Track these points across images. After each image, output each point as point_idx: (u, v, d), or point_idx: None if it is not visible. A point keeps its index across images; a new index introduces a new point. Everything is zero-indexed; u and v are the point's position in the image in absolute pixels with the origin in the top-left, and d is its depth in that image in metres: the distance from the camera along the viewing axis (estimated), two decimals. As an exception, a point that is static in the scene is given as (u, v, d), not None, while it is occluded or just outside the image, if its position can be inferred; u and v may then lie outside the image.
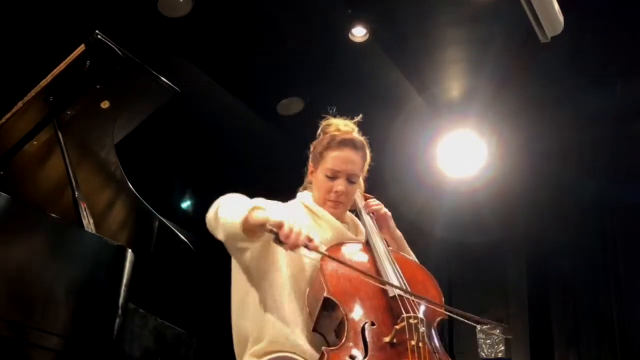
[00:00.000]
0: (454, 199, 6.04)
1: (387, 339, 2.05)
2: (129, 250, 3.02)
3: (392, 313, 2.13)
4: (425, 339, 2.05)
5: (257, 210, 2.06)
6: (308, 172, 2.48)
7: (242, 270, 2.30)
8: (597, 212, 5.79)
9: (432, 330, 2.16)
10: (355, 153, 2.39)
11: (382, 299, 2.16)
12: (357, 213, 2.54)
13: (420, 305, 2.17)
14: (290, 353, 2.15)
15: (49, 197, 3.46)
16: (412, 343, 2.02)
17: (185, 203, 6.41)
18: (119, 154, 3.58)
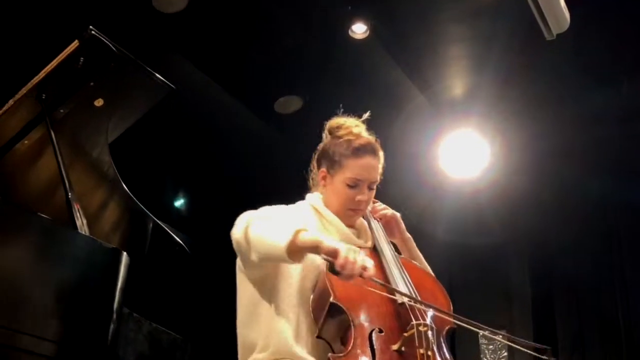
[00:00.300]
0: (456, 200, 5.98)
1: (395, 347, 2.01)
2: (124, 253, 2.95)
3: (400, 320, 2.08)
4: (434, 348, 2.01)
5: (303, 233, 2.01)
6: (319, 175, 2.41)
7: (251, 282, 2.26)
8: (601, 211, 5.72)
9: (441, 340, 2.11)
10: (374, 158, 2.35)
11: (390, 306, 2.12)
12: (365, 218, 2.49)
13: (429, 314, 2.12)
14: (291, 362, 2.12)
15: (41, 197, 3.39)
16: (420, 352, 1.97)
17: (180, 204, 6.34)
18: (112, 153, 3.52)
